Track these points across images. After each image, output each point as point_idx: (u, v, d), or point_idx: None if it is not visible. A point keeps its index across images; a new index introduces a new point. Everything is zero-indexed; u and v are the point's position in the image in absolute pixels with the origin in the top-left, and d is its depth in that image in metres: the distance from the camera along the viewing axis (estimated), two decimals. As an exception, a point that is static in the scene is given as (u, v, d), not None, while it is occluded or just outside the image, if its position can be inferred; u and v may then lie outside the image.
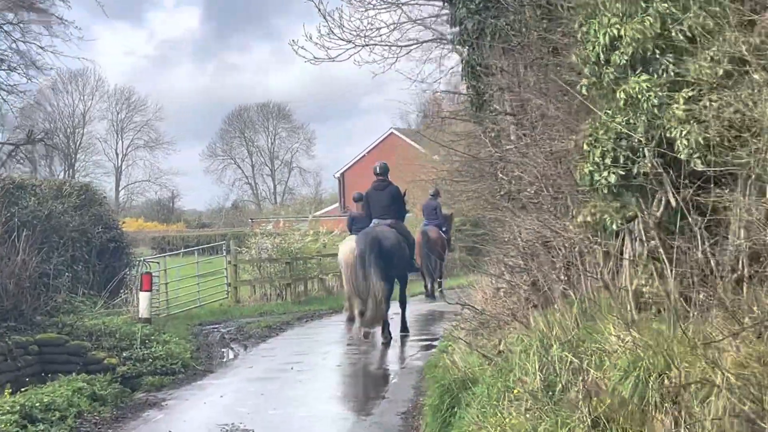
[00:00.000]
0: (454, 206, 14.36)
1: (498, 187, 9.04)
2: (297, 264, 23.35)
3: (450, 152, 12.61)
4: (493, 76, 8.49)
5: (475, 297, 11.11)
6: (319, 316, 20.44)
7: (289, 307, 21.85)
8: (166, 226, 77.10)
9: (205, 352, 15.26)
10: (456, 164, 12.54)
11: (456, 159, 11.84)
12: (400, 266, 14.70)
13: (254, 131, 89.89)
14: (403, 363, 13.33)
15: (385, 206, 14.74)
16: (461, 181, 9.82)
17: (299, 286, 23.65)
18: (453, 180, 10.59)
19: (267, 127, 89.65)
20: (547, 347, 6.47)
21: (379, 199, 14.81)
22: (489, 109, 9.16)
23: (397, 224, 14.83)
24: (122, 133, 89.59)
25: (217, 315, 20.80)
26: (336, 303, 22.79)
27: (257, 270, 23.25)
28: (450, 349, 11.74)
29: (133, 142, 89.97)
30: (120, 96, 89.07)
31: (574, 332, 6.39)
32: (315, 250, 25.01)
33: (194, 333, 17.68)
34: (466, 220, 25.94)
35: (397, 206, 14.92)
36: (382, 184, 15.03)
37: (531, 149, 7.90)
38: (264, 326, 18.01)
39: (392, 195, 14.87)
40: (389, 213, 14.73)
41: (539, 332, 6.60)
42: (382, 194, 14.83)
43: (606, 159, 6.02)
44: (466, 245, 25.91)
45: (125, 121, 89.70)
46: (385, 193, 14.83)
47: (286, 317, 19.89)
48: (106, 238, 16.97)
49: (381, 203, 14.77)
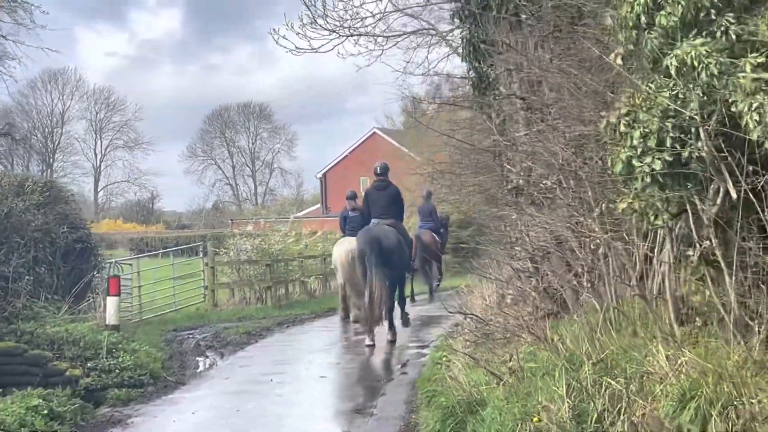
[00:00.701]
0: (452, 203, 13.26)
1: (504, 180, 7.98)
2: (278, 266, 22.20)
3: (447, 143, 11.51)
4: (499, 54, 7.42)
5: (474, 303, 10.03)
6: (300, 320, 19.31)
7: (270, 312, 20.72)
8: (145, 227, 75.83)
9: (178, 361, 14.09)
10: (454, 156, 11.44)
11: (455, 149, 10.72)
12: (399, 266, 14.61)
13: (235, 131, 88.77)
14: (392, 374, 12.23)
15: (385, 206, 14.65)
16: (461, 174, 8.74)
17: (280, 289, 22.49)
18: (452, 173, 9.47)
19: (248, 127, 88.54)
20: (575, 367, 5.38)
21: (379, 198, 14.71)
22: (493, 93, 8.10)
23: (397, 224, 14.70)
24: (101, 133, 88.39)
25: (194, 320, 19.63)
26: (318, 307, 21.70)
27: (236, 272, 22.09)
28: (444, 360, 10.67)
29: (112, 143, 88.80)
30: (99, 96, 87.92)
31: (609, 349, 5.30)
32: (297, 251, 23.87)
33: (168, 340, 16.51)
34: (452, 221, 25.00)
35: (396, 207, 14.85)
36: (383, 184, 14.91)
37: (546, 136, 6.83)
38: (242, 332, 16.87)
39: (392, 195, 14.78)
40: (389, 213, 14.65)
41: (563, 348, 5.51)
42: (382, 194, 14.73)
43: (649, 141, 4.95)
44: (451, 247, 25.05)
45: (104, 121, 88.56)
46: (385, 194, 14.73)
47: (266, 322, 18.75)
48: (72, 238, 15.72)
49: (381, 203, 14.67)
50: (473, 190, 8.49)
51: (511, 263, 7.99)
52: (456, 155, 10.99)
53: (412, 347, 14.71)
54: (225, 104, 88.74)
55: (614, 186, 5.71)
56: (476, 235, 11.42)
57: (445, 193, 10.24)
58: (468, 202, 9.61)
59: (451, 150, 11.91)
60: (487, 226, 9.46)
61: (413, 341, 15.51)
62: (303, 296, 23.24)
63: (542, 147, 6.97)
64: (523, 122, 7.41)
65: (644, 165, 4.94)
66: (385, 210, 14.65)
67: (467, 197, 9.40)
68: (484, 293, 9.56)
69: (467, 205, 9.74)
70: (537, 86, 7.38)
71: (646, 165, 4.91)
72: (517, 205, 7.85)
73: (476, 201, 9.23)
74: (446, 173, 9.87)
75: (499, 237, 8.76)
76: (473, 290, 11.23)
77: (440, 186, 14.19)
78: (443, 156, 13.49)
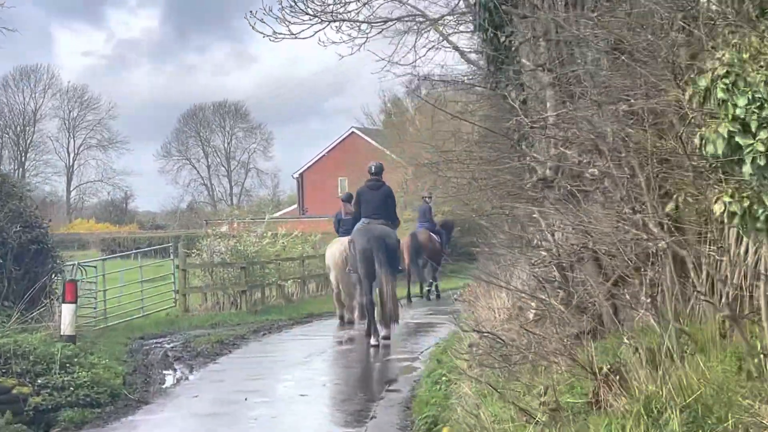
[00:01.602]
0: (456, 199, 11.82)
1: (525, 171, 6.61)
2: (253, 269, 20.71)
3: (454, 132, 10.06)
4: (524, 18, 6.06)
5: (480, 315, 8.63)
6: (278, 327, 17.85)
7: (245, 317, 19.25)
8: (119, 227, 73.82)
9: (143, 376, 12.59)
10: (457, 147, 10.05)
11: (463, 135, 9.27)
12: (394, 267, 14.47)
13: (210, 131, 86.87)
14: (381, 391, 10.83)
15: (378, 206, 14.39)
16: (469, 165, 7.37)
17: (256, 293, 21.00)
18: (461, 161, 8.05)
19: (223, 126, 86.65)
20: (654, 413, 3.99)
21: (373, 198, 14.47)
22: (512, 67, 6.73)
23: (387, 225, 14.39)
24: (74, 131, 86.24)
25: (163, 326, 18.13)
26: (296, 312, 20.26)
27: (209, 275, 20.56)
28: (444, 379, 9.29)
29: (86, 141, 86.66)
30: (72, 94, 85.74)
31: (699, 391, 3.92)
32: (273, 253, 22.39)
33: (132, 350, 15.01)
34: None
35: (389, 207, 14.62)
36: (377, 183, 14.67)
37: (585, 115, 5.46)
38: (215, 341, 15.39)
39: (386, 195, 14.58)
40: (381, 213, 14.36)
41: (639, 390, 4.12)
42: (375, 194, 14.50)
43: (765, 111, 3.59)
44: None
45: (78, 119, 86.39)
46: (378, 193, 14.51)
47: (241, 329, 17.29)
48: (26, 238, 14.09)
49: (374, 202, 14.42)
50: (483, 185, 7.18)
51: (532, 270, 6.59)
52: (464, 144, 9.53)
53: (401, 359, 13.33)
54: (200, 103, 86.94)
55: (696, 174, 4.35)
56: (477, 236, 10.18)
57: (450, 188, 8.88)
58: (480, 198, 8.20)
59: (454, 140, 10.51)
60: (499, 226, 8.08)
61: (402, 352, 14.12)
62: (280, 301, 21.77)
63: (580, 128, 5.59)
64: (553, 100, 6.04)
65: (756, 143, 3.60)
66: (377, 210, 14.36)
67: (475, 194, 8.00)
68: (493, 304, 8.16)
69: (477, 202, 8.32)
70: (569, 55, 6.02)
71: (760, 142, 3.57)
72: (540, 201, 6.46)
73: (488, 197, 7.84)
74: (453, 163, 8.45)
75: (514, 239, 7.42)
76: (477, 298, 9.80)
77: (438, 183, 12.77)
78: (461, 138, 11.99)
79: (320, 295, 24.06)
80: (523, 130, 6.32)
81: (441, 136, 11.03)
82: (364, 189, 14.72)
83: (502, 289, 8.42)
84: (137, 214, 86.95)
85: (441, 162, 9.15)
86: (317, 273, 24.51)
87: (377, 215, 14.34)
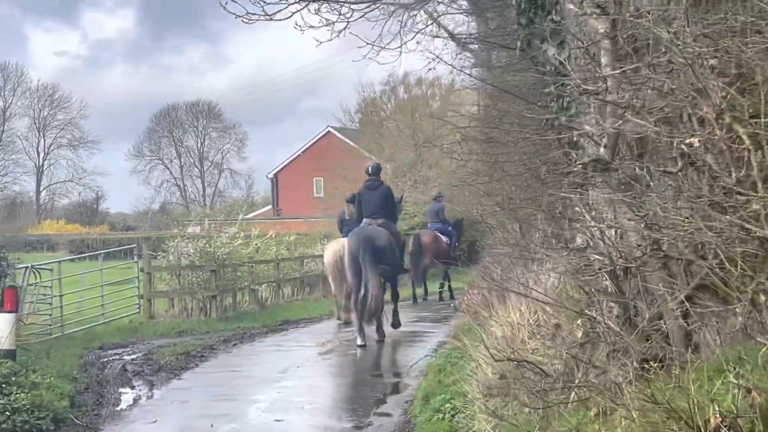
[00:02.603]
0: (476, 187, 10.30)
1: (567, 153, 5.10)
2: (224, 272, 19.04)
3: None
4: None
5: (494, 331, 7.08)
6: (250, 336, 16.24)
7: (214, 325, 17.62)
8: (89, 228, 71.70)
9: (95, 395, 10.94)
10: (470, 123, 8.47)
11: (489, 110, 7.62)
12: (390, 266, 14.17)
13: (183, 131, 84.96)
14: (368, 414, 9.28)
15: (377, 205, 14.31)
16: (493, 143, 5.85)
17: (227, 298, 19.34)
18: (487, 141, 6.49)
19: (197, 126, 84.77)
20: None
21: (372, 198, 14.40)
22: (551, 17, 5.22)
23: (388, 224, 14.32)
24: (44, 130, 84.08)
25: (125, 334, 16.49)
26: (271, 319, 18.66)
27: (176, 279, 18.88)
28: (449, 407, 7.77)
29: (56, 141, 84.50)
30: (43, 92, 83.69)
31: None
32: (246, 255, 20.75)
33: (87, 363, 13.37)
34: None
35: (388, 206, 14.54)
36: (375, 183, 14.59)
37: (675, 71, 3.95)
38: (180, 352, 13.78)
39: (384, 194, 14.50)
40: (380, 212, 14.30)
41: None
42: (374, 194, 14.43)
43: None
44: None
45: (48, 118, 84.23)
46: (377, 193, 14.42)
47: (210, 338, 15.67)
48: (-35, 238, 12.45)
49: (373, 203, 14.36)
50: (512, 170, 5.72)
51: (577, 278, 5.05)
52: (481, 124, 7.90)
53: (389, 374, 11.80)
54: (173, 103, 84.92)
55: None
56: (492, 235, 8.81)
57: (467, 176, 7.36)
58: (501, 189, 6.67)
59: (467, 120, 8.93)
60: (530, 222, 6.56)
61: (389, 366, 12.61)
62: (253, 306, 20.12)
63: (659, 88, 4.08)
64: (610, 56, 4.52)
65: None
66: (377, 209, 14.26)
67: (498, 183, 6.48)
68: (511, 318, 6.63)
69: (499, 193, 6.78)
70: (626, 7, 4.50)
71: None
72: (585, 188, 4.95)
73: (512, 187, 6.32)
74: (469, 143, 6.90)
75: (547, 239, 5.94)
76: (487, 309, 8.23)
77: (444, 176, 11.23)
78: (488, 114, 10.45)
79: (296, 299, 22.47)
80: (567, 97, 4.85)
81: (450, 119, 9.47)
82: (363, 190, 14.66)
83: (521, 298, 6.88)
84: (109, 215, 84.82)
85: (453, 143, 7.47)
86: (292, 276, 22.93)
87: (377, 215, 14.24)
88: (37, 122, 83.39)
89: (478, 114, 14.11)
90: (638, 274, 4.98)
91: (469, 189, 11.18)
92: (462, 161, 9.42)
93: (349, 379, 11.58)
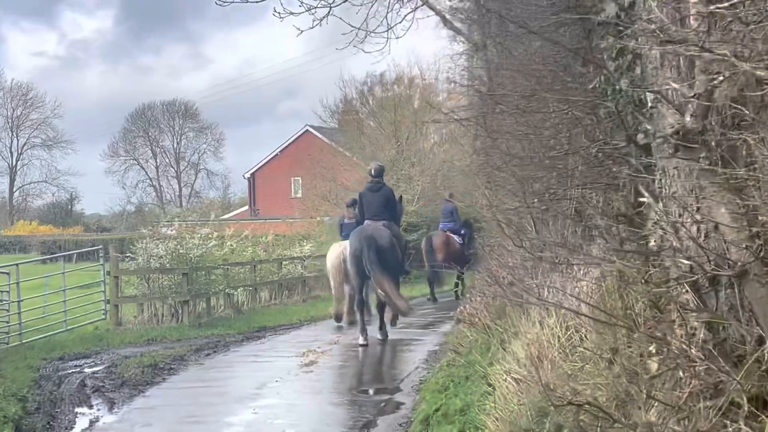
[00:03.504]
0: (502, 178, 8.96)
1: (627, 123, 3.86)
2: (197, 275, 17.67)
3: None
4: None
5: (515, 350, 5.80)
6: (224, 345, 14.91)
7: (186, 332, 16.29)
8: (62, 229, 69.85)
9: (46, 417, 9.55)
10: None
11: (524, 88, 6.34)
12: (392, 266, 13.83)
13: (159, 130, 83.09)
14: (358, 442, 8.01)
15: (380, 207, 14.17)
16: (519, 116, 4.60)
17: (200, 303, 17.99)
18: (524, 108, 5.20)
19: (173, 126, 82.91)
20: None
21: (374, 200, 14.25)
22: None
23: (390, 225, 14.15)
24: (18, 130, 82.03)
25: (89, 343, 15.13)
26: (247, 325, 17.35)
27: (145, 283, 17.50)
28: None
29: (30, 141, 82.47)
30: (16, 92, 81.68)
31: None
32: (221, 257, 19.40)
33: (43, 377, 11.99)
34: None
35: (390, 208, 14.38)
36: (377, 185, 14.45)
37: None
38: (147, 364, 12.45)
39: (387, 196, 14.36)
40: (382, 214, 14.14)
41: None
42: (376, 195, 14.28)
43: None
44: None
45: (21, 118, 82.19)
46: (379, 195, 14.28)
47: (181, 348, 14.34)
48: None
49: (375, 204, 14.20)
50: (545, 159, 4.55)
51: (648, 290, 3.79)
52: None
53: (378, 390, 10.51)
54: (149, 102, 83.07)
55: None
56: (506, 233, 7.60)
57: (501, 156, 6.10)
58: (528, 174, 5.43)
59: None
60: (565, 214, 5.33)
61: (377, 379, 11.33)
62: (228, 312, 18.79)
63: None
64: (696, 21, 3.31)
65: None
66: (379, 211, 14.12)
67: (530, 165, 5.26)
68: (539, 335, 5.35)
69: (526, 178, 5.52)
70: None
71: None
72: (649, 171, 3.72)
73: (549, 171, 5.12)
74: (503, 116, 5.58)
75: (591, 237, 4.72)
76: (510, 324, 6.90)
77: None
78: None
79: (274, 304, 21.16)
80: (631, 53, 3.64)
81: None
82: (365, 191, 14.56)
83: (548, 309, 5.61)
84: (83, 216, 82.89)
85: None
86: (270, 279, 21.60)
87: (378, 216, 14.07)
88: (9, 122, 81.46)
89: (485, 88, 12.82)
90: (734, 284, 3.73)
91: (472, 181, 9.90)
92: (466, 148, 8.17)
93: (334, 397, 10.28)
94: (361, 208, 14.41)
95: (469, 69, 17.10)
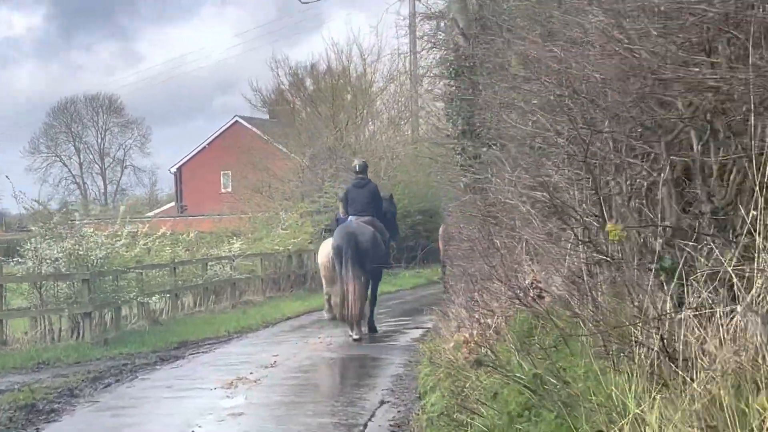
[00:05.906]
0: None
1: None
2: (101, 281, 14.31)
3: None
4: None
5: None
6: (132, 369, 11.71)
7: (87, 352, 13.02)
8: (-20, 230, 64.86)
9: None
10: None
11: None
12: (375, 263, 13.84)
13: (82, 126, 78.11)
14: None
15: (365, 203, 14.25)
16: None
17: (106, 315, 14.64)
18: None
19: (96, 121, 78.08)
20: None
21: (359, 196, 14.30)
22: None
23: (374, 221, 14.15)
24: (-69, 127, 76.43)
25: (-39, 370, 11.73)
26: (164, 339, 14.13)
27: (37, 292, 14.07)
28: None
29: (-56, 138, 76.93)
30: (-71, 87, 75.96)
31: None
32: (133, 258, 16.05)
33: None
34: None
35: (376, 204, 14.46)
36: (362, 181, 14.52)
37: None
38: (21, 404, 9.25)
39: (372, 192, 14.44)
40: (368, 210, 14.20)
41: None
42: (361, 191, 14.34)
43: None
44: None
45: (-66, 114, 76.62)
46: (364, 191, 14.35)
47: (75, 375, 11.12)
48: None
49: (361, 200, 14.28)
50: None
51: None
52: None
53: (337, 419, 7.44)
54: (71, 96, 78.05)
55: None
56: None
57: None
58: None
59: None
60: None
61: (332, 412, 8.15)
62: (142, 323, 15.46)
63: None
64: None
65: None
66: (364, 207, 14.16)
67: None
68: None
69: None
70: None
71: None
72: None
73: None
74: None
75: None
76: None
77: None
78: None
79: (198, 311, 17.92)
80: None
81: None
82: (351, 188, 14.58)
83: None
84: (7, 216, 77.69)
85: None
86: (194, 283, 18.31)
87: (364, 213, 14.07)
88: None
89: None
90: None
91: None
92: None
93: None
94: (346, 204, 14.35)
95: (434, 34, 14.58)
